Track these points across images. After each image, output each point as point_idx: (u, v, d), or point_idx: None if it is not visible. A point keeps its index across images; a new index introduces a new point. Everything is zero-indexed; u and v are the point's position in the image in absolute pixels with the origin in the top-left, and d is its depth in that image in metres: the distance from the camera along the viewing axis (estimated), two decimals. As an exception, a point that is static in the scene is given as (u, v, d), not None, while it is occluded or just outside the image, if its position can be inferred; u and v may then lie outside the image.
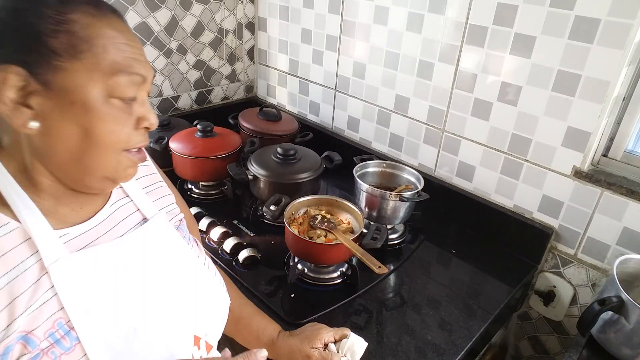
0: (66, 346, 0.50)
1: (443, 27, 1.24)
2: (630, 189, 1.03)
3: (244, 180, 1.27)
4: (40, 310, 0.50)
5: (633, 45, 0.95)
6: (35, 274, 0.51)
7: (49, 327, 0.50)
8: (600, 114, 1.03)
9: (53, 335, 0.50)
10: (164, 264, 0.64)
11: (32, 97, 0.50)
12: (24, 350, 0.47)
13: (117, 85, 0.53)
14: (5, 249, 0.50)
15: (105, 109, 0.53)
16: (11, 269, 0.49)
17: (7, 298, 0.48)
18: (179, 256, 0.68)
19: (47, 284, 0.51)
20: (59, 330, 0.50)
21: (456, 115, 1.29)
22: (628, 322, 0.88)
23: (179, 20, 1.61)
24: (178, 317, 0.62)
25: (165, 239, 0.67)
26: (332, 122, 1.69)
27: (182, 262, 0.67)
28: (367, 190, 1.21)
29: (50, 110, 0.50)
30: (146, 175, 0.73)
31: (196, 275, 0.69)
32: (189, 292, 0.66)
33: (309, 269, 1.09)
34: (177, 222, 0.74)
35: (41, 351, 0.48)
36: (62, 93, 0.50)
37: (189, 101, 1.78)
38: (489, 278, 1.16)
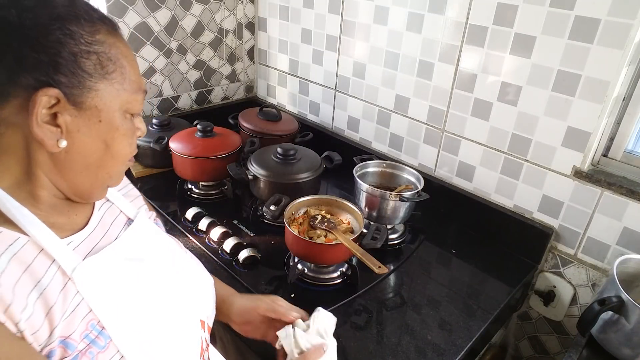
0: (101, 345, 0.52)
1: (443, 27, 1.24)
2: (630, 189, 1.03)
3: (244, 180, 1.27)
4: (73, 314, 0.51)
5: (633, 45, 0.95)
6: (60, 281, 0.52)
7: (83, 329, 0.52)
8: (600, 114, 1.03)
9: (88, 336, 0.52)
10: (160, 257, 0.68)
11: (61, 116, 0.51)
12: (64, 353, 0.49)
13: (135, 102, 0.57)
14: (27, 261, 0.50)
15: (124, 125, 0.57)
16: (39, 280, 0.50)
17: (44, 308, 0.49)
18: (168, 248, 0.71)
19: (74, 290, 0.53)
20: (93, 331, 0.52)
21: (456, 115, 1.29)
22: (628, 322, 0.88)
23: (179, 20, 1.61)
24: (186, 304, 0.66)
25: (152, 235, 0.70)
26: (332, 122, 1.69)
27: (172, 254, 0.71)
28: (367, 190, 1.21)
29: (77, 127, 0.52)
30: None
31: (185, 263, 0.73)
32: (187, 279, 0.70)
33: (309, 269, 1.09)
34: (153, 219, 0.77)
35: (79, 352, 0.50)
36: (91, 112, 0.52)
37: (189, 101, 1.78)
38: (489, 278, 1.16)
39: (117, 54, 0.54)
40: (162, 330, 0.60)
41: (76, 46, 0.50)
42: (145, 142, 1.40)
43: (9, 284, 0.46)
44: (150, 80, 1.61)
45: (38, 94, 0.48)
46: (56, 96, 0.49)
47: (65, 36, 0.49)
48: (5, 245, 0.49)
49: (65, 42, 0.49)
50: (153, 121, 1.47)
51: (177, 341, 0.61)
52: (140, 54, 1.54)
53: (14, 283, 0.47)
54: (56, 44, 0.48)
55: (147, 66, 1.58)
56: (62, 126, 0.51)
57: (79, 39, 0.50)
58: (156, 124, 1.47)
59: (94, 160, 0.56)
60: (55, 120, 0.50)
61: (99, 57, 0.52)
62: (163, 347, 0.59)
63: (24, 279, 0.48)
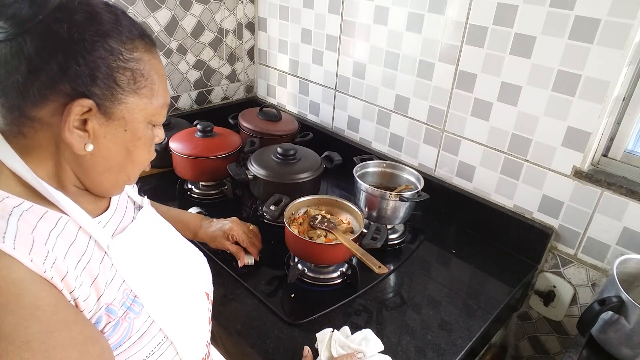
0: (136, 311, 0.59)
1: (443, 27, 1.24)
2: (630, 189, 1.03)
3: (244, 180, 1.27)
4: (112, 284, 0.58)
5: (633, 45, 0.95)
6: (98, 255, 0.58)
7: (121, 297, 0.58)
8: (600, 114, 1.03)
9: (124, 303, 0.58)
10: (167, 237, 0.76)
11: (90, 122, 0.54)
12: (109, 319, 0.56)
13: (159, 115, 0.61)
14: (71, 237, 0.55)
15: (146, 135, 0.61)
16: (83, 254, 0.55)
17: (90, 278, 0.54)
18: (171, 230, 0.79)
19: (109, 263, 0.59)
20: (128, 299, 0.59)
21: (456, 115, 1.29)
22: (628, 322, 0.88)
23: (179, 20, 1.61)
24: (193, 277, 0.75)
25: (157, 218, 0.77)
26: (332, 122, 1.69)
27: (174, 234, 0.79)
28: (367, 190, 1.21)
29: (104, 134, 0.56)
30: None
31: (184, 242, 0.80)
32: (189, 256, 0.78)
33: (309, 269, 1.09)
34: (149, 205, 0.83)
35: (120, 318, 0.57)
36: (119, 122, 0.56)
37: (189, 101, 1.78)
38: (489, 278, 1.16)
39: (150, 70, 0.58)
40: (181, 299, 0.68)
41: (115, 62, 0.54)
42: (145, 142, 1.40)
43: (61, 257, 0.52)
44: (150, 80, 1.61)
45: (74, 104, 0.52)
46: (89, 106, 0.53)
47: (107, 52, 0.53)
48: (52, 223, 0.54)
49: (106, 58, 0.53)
50: (153, 121, 1.47)
51: (193, 309, 0.70)
52: (140, 54, 1.54)
53: (64, 256, 0.52)
54: (97, 59, 0.52)
55: (147, 66, 1.58)
56: (90, 132, 0.55)
57: (118, 55, 0.54)
58: (156, 124, 1.47)
59: (116, 164, 0.60)
60: (85, 125, 0.54)
61: (133, 73, 0.56)
62: (183, 313, 0.66)
63: (71, 252, 0.54)
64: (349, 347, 0.85)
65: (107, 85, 0.54)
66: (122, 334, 0.56)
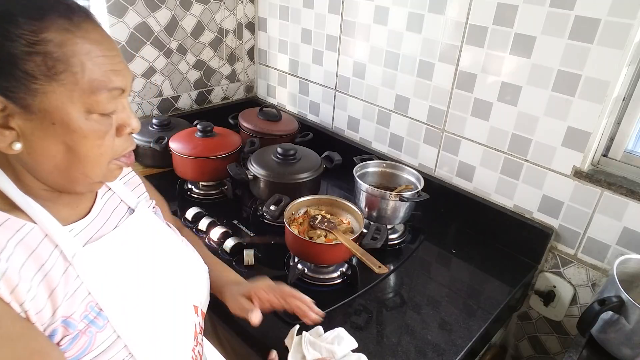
0: (99, 325, 0.56)
1: (443, 27, 1.24)
2: (630, 189, 1.03)
3: (244, 180, 1.27)
4: (74, 296, 0.55)
5: (633, 45, 0.95)
6: (61, 265, 0.55)
7: (83, 310, 0.55)
8: (600, 114, 1.03)
9: (87, 316, 0.55)
10: (157, 245, 0.71)
11: (13, 119, 0.49)
12: (66, 332, 0.53)
13: (97, 103, 0.52)
14: (32, 246, 0.53)
15: (86, 126, 0.52)
16: (43, 264, 0.53)
17: (47, 290, 0.52)
18: (165, 237, 0.74)
19: (74, 273, 0.56)
20: (91, 312, 0.56)
21: (456, 115, 1.29)
22: (628, 322, 0.88)
23: (179, 20, 1.61)
24: (180, 290, 0.70)
25: (151, 224, 0.73)
26: (332, 122, 1.69)
27: (169, 242, 0.74)
28: (367, 190, 1.21)
29: (31, 130, 0.50)
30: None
31: (181, 251, 0.76)
32: (182, 267, 0.73)
33: (309, 269, 1.09)
34: (153, 208, 0.79)
35: (79, 331, 0.54)
36: (43, 115, 0.50)
37: (189, 101, 1.78)
38: (489, 278, 1.16)
39: (68, 53, 0.49)
40: (156, 313, 0.63)
41: (17, 48, 0.46)
42: (145, 142, 1.40)
43: (15, 268, 0.50)
44: (150, 80, 1.61)
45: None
46: (2, 102, 0.48)
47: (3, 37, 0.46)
48: (12, 231, 0.52)
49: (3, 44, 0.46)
50: (153, 121, 1.47)
51: (170, 324, 0.65)
52: (140, 54, 1.54)
53: (20, 266, 0.50)
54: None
55: (147, 66, 1.58)
56: (17, 129, 0.50)
57: (18, 40, 0.46)
58: (156, 124, 1.47)
59: (60, 162, 0.53)
60: (9, 123, 0.49)
61: (44, 58, 0.48)
62: (156, 328, 0.62)
63: (29, 263, 0.51)
64: (319, 346, 0.86)
65: (14, 75, 0.47)
66: (80, 348, 0.53)
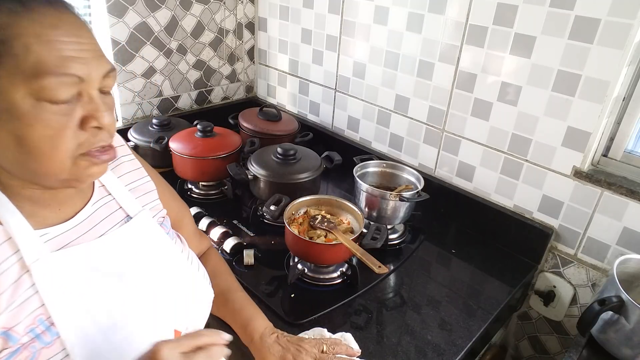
0: (46, 340, 0.51)
1: (443, 27, 1.24)
2: (630, 189, 1.03)
3: (244, 180, 1.27)
4: (21, 307, 0.51)
5: (633, 45, 0.95)
6: (15, 272, 0.51)
7: (29, 323, 0.51)
8: (600, 114, 1.03)
9: (33, 330, 0.51)
10: (146, 260, 0.65)
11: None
12: (5, 344, 0.49)
13: (44, 89, 0.48)
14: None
15: (34, 114, 0.48)
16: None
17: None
18: (162, 252, 0.68)
19: (28, 282, 0.52)
20: (40, 326, 0.51)
21: (456, 115, 1.29)
22: (628, 322, 0.88)
23: (179, 20, 1.61)
24: (159, 311, 0.63)
25: (148, 236, 0.68)
26: (332, 122, 1.69)
27: (165, 258, 0.68)
28: (367, 190, 1.21)
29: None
30: (130, 172, 0.73)
31: (179, 270, 0.70)
32: (171, 287, 0.67)
33: (309, 269, 1.09)
34: (161, 218, 0.74)
35: (21, 345, 0.50)
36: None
37: (189, 101, 1.78)
38: (489, 278, 1.16)
39: (12, 35, 0.46)
40: (123, 334, 0.58)
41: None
42: (145, 142, 1.40)
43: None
44: (150, 80, 1.61)
45: None
46: None
47: None
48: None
49: None
50: (153, 121, 1.47)
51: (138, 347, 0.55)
52: (140, 54, 1.54)
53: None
54: None
55: (147, 66, 1.58)
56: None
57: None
58: (156, 124, 1.47)
59: (15, 154, 0.50)
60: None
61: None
62: (118, 350, 0.56)
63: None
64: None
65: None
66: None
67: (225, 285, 0.84)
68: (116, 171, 0.71)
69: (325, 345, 0.79)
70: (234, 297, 0.83)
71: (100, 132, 0.54)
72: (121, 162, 0.73)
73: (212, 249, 0.95)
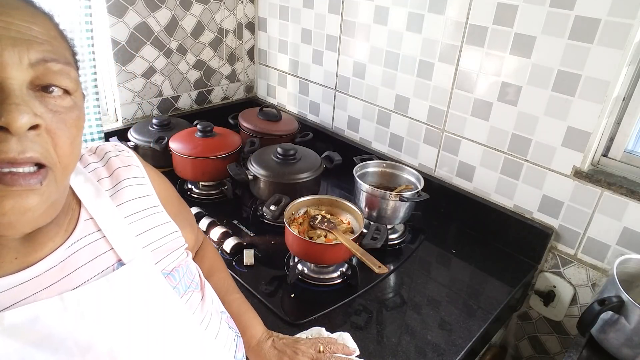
0: None
1: (443, 27, 1.24)
2: (630, 189, 1.03)
3: (244, 180, 1.27)
4: None
5: (633, 45, 0.95)
6: None
7: None
8: (600, 114, 1.03)
9: None
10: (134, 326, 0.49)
11: None
12: None
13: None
14: None
15: None
16: None
17: None
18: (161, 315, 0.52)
19: None
20: None
21: (456, 115, 1.29)
22: (628, 322, 0.88)
23: (179, 20, 1.61)
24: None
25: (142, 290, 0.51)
26: (332, 122, 1.69)
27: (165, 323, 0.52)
28: (367, 190, 1.21)
29: None
30: (136, 199, 0.58)
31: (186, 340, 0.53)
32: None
33: (309, 269, 1.09)
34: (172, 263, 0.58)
35: None
36: None
37: (189, 101, 1.78)
38: (489, 278, 1.16)
39: None
40: None
41: None
42: (145, 142, 1.40)
43: None
44: (150, 80, 1.61)
45: None
46: None
47: None
48: None
49: None
50: (153, 121, 1.47)
51: None
52: (140, 54, 1.54)
53: None
54: None
55: (147, 66, 1.58)
56: None
57: None
58: (156, 124, 1.47)
59: None
60: None
61: None
62: None
63: None
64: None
65: None
66: None
67: (223, 286, 0.78)
68: (116, 198, 0.56)
69: (321, 344, 0.79)
70: (231, 300, 0.77)
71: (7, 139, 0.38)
72: (125, 186, 0.58)
73: (208, 244, 0.87)
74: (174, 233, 0.60)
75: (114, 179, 0.58)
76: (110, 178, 0.58)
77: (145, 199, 0.59)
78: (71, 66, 0.44)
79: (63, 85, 0.43)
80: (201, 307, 0.58)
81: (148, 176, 0.62)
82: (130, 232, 0.54)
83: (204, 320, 0.57)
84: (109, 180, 0.58)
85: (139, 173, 0.61)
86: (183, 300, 0.55)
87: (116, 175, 0.58)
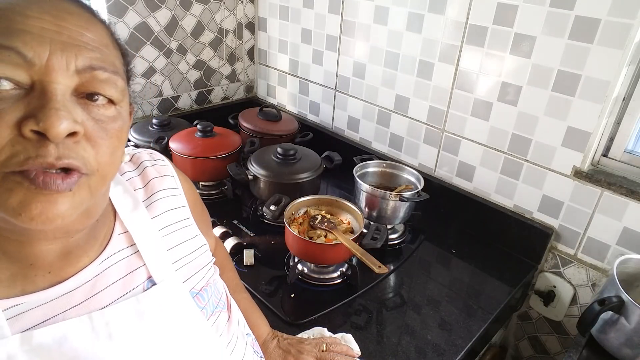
0: None
1: (443, 27, 1.24)
2: (630, 189, 1.03)
3: (244, 180, 1.27)
4: None
5: (633, 45, 0.95)
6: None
7: None
8: (600, 114, 1.03)
9: None
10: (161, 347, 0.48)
11: None
12: None
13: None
14: None
15: None
16: None
17: None
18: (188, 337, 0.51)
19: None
20: None
21: (456, 115, 1.29)
22: (628, 322, 0.88)
23: (179, 20, 1.61)
24: None
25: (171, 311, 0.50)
26: (332, 122, 1.69)
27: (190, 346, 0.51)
28: (367, 190, 1.21)
29: None
30: (171, 210, 0.57)
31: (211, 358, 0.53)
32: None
33: (309, 269, 1.09)
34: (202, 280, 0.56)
35: None
36: None
37: (189, 101, 1.78)
38: (489, 278, 1.16)
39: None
40: None
41: None
42: (145, 142, 1.40)
43: None
44: (150, 80, 1.61)
45: None
46: None
47: None
48: None
49: None
50: (153, 121, 1.47)
51: None
52: (140, 54, 1.54)
53: None
54: None
55: (147, 66, 1.58)
56: None
57: None
58: (156, 124, 1.47)
59: None
60: None
61: None
62: None
63: None
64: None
65: None
66: None
67: (230, 285, 0.76)
68: (151, 210, 0.55)
69: (325, 344, 0.80)
70: (238, 300, 0.76)
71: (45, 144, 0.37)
72: (159, 198, 0.56)
73: (219, 243, 0.87)
74: (202, 247, 0.60)
75: (149, 190, 0.57)
76: (144, 189, 0.57)
77: (178, 211, 0.58)
78: (119, 76, 0.43)
79: (108, 94, 0.42)
80: (227, 329, 0.57)
81: (181, 186, 0.61)
82: (162, 246, 0.53)
83: (230, 344, 0.56)
84: (144, 191, 0.56)
85: (173, 183, 0.60)
86: (210, 321, 0.55)
87: (151, 186, 0.57)
